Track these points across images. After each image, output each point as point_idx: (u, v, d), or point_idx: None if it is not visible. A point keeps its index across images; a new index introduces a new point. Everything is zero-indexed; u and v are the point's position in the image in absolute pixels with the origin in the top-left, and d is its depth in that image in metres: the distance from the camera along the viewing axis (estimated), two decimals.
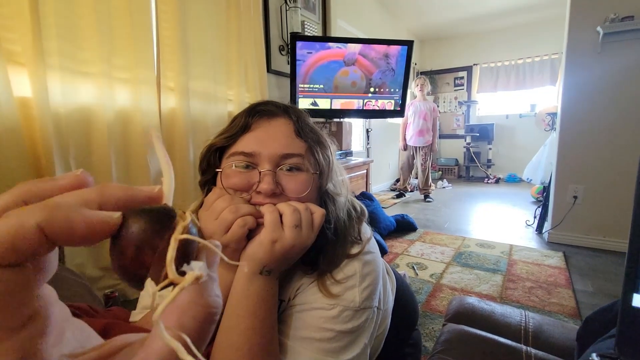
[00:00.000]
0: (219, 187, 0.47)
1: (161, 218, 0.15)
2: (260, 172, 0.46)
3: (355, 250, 0.53)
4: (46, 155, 1.11)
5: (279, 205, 0.44)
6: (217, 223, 0.42)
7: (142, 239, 0.15)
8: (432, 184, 3.90)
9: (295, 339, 0.48)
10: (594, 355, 0.31)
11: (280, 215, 0.44)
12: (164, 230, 0.15)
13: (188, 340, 0.14)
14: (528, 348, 0.55)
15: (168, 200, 0.17)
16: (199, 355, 0.13)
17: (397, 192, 4.05)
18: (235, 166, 0.47)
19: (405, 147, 3.84)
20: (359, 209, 0.59)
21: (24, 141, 1.06)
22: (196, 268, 0.15)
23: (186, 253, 0.15)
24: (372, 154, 4.05)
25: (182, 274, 0.15)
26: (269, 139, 0.48)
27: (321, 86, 2.42)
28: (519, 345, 0.56)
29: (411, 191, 4.20)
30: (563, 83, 2.23)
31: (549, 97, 4.88)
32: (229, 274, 0.46)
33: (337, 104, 2.52)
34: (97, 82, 1.27)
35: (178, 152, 1.57)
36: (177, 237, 0.15)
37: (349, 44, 2.42)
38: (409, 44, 2.55)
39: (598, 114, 2.13)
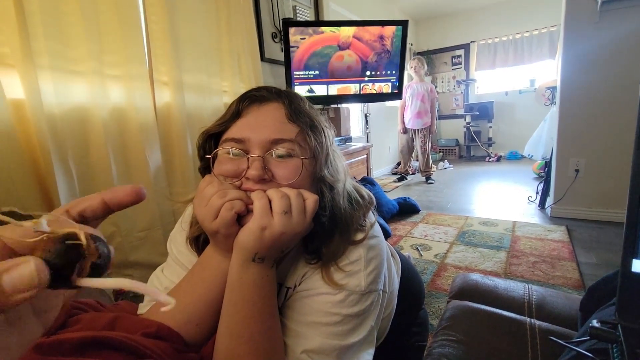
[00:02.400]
0: (210, 174, 0.47)
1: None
2: (249, 158, 0.45)
3: (359, 236, 0.53)
4: (44, 157, 1.11)
5: (269, 191, 0.44)
6: (206, 209, 0.42)
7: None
8: (433, 165, 3.89)
9: (302, 323, 0.48)
10: (594, 321, 0.31)
11: (270, 202, 0.43)
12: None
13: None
14: (532, 320, 0.56)
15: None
16: None
17: (399, 176, 4.05)
18: (228, 153, 0.47)
19: (405, 131, 3.81)
20: (366, 197, 0.58)
21: (20, 144, 1.06)
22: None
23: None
24: (371, 138, 4.03)
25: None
26: (259, 125, 0.47)
27: (317, 72, 2.39)
28: (522, 317, 0.57)
29: (412, 174, 4.19)
30: (562, 55, 2.20)
31: (548, 71, 4.81)
32: (226, 260, 0.46)
33: (334, 90, 2.50)
34: (89, 81, 1.25)
35: (176, 147, 1.56)
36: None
37: (343, 27, 2.38)
38: (403, 23, 2.50)
39: (598, 85, 2.10)
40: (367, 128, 4.00)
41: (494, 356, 0.51)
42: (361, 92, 2.59)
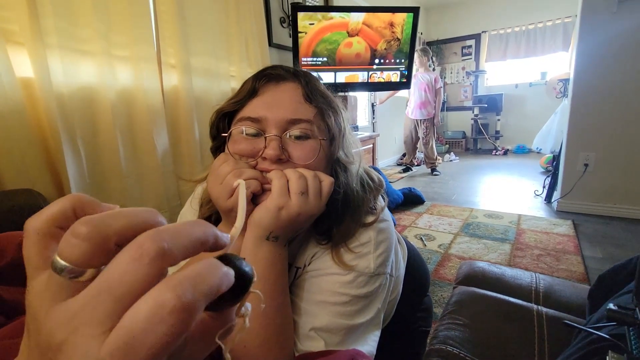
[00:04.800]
0: (225, 153, 0.47)
1: (248, 283, 0.19)
2: (266, 138, 0.45)
3: (370, 219, 0.53)
4: (53, 136, 1.11)
5: (286, 171, 0.44)
6: (221, 187, 0.42)
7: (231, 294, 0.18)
8: (438, 157, 3.86)
9: (311, 302, 0.49)
10: (611, 304, 0.31)
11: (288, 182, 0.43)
12: (246, 291, 0.19)
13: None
14: (539, 307, 0.56)
15: (235, 238, 0.21)
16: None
17: (404, 167, 4.03)
18: (244, 132, 0.46)
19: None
20: (376, 180, 0.58)
21: (29, 122, 1.06)
22: (249, 308, 0.20)
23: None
24: (377, 128, 4.00)
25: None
26: (276, 104, 0.46)
27: (324, 59, 2.36)
28: (529, 304, 0.57)
29: (418, 165, 4.17)
30: (577, 46, 2.14)
31: (560, 63, 4.71)
32: (238, 238, 0.46)
33: (342, 78, 2.46)
34: (97, 61, 1.25)
35: (183, 130, 1.56)
36: (250, 292, 0.19)
37: (352, 13, 2.33)
38: (414, 10, 2.45)
39: (612, 77, 2.05)
40: (373, 117, 3.97)
41: (500, 341, 0.51)
42: (369, 81, 2.55)
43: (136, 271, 0.14)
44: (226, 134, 0.48)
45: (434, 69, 5.11)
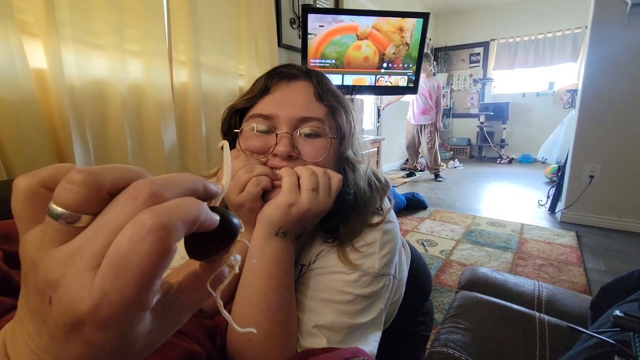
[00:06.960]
0: (236, 149, 0.48)
1: (235, 231, 0.21)
2: (277, 135, 0.46)
3: (376, 219, 0.53)
4: (63, 127, 1.12)
5: (297, 168, 0.44)
6: (233, 183, 0.43)
7: (223, 239, 0.20)
8: (442, 163, 3.86)
9: (315, 299, 0.49)
10: (617, 311, 0.31)
11: (298, 179, 0.44)
12: (233, 239, 0.21)
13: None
14: (541, 314, 0.56)
15: (223, 194, 0.23)
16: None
17: (407, 172, 4.03)
18: (255, 129, 0.47)
19: None
20: (383, 180, 0.58)
21: (41, 113, 1.08)
22: (238, 259, 0.22)
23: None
24: (382, 132, 4.01)
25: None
26: (287, 102, 0.47)
27: (333, 62, 2.37)
28: (532, 311, 0.57)
29: (421, 170, 4.16)
30: (586, 57, 2.14)
31: (568, 74, 4.69)
32: (246, 234, 0.47)
33: (349, 80, 2.47)
34: (109, 55, 1.26)
35: (191, 127, 1.57)
36: (237, 241, 0.21)
37: (362, 17, 2.34)
38: (424, 16, 2.45)
39: (621, 89, 2.04)
40: (378, 122, 3.97)
41: (502, 345, 0.51)
42: (376, 84, 2.56)
43: (132, 210, 0.16)
44: (237, 130, 0.48)
45: (434, 74, 5.12)
